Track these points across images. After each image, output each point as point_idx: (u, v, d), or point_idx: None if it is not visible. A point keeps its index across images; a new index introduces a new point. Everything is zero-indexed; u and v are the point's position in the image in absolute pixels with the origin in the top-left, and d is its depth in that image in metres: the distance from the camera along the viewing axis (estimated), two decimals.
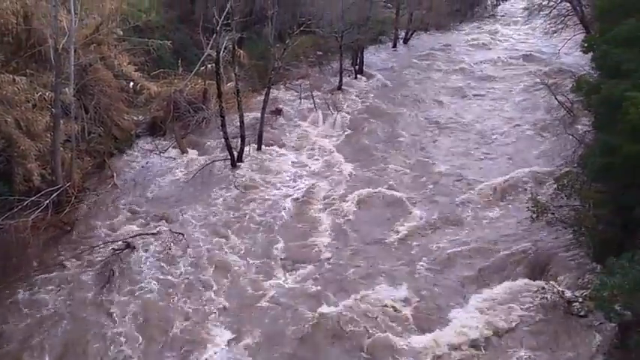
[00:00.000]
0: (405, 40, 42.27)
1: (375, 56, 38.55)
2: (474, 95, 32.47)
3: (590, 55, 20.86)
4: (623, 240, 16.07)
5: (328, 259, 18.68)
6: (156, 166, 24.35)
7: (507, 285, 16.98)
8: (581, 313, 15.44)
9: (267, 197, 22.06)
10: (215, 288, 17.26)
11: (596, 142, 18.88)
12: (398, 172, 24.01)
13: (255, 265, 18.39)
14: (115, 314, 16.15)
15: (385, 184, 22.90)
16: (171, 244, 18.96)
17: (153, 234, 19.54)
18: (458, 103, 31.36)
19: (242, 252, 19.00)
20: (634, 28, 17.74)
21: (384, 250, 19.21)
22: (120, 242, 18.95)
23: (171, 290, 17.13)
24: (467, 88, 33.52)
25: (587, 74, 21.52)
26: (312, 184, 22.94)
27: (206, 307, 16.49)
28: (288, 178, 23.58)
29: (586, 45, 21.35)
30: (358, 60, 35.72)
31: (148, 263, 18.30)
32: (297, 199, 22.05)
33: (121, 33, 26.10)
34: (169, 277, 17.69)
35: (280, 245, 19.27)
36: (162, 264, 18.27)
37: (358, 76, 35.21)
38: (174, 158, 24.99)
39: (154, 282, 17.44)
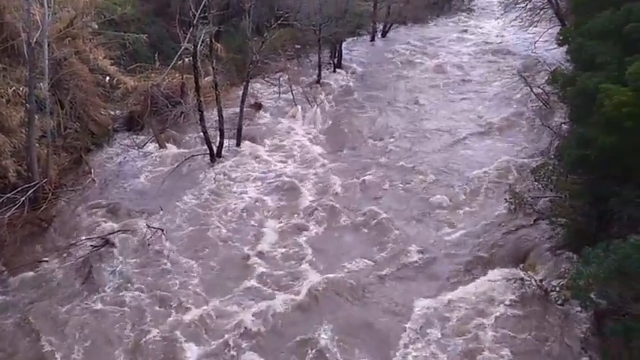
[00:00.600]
0: (384, 34, 42.35)
1: (353, 50, 38.55)
2: (452, 88, 32.67)
3: (565, 47, 21.17)
4: (599, 230, 16.37)
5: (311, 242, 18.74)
6: (134, 162, 24.11)
7: (486, 276, 17.20)
8: (559, 302, 15.69)
9: (246, 192, 21.96)
10: (195, 283, 17.15)
11: (571, 134, 19.19)
12: (376, 165, 24.04)
13: (234, 260, 18.28)
14: (92, 312, 15.97)
15: (363, 180, 22.79)
16: (151, 239, 18.77)
17: (131, 230, 19.33)
18: (436, 96, 31.53)
19: (221, 246, 18.88)
20: (608, 21, 18.02)
21: (360, 235, 19.39)
22: (98, 239, 18.75)
23: (150, 287, 16.99)
24: (444, 81, 33.72)
25: (562, 67, 21.79)
26: (292, 179, 22.87)
27: (185, 305, 16.34)
28: (267, 173, 23.48)
29: (561, 38, 21.66)
30: (337, 53, 35.71)
31: (126, 260, 18.12)
32: (277, 193, 21.98)
33: (96, 26, 25.72)
34: (148, 274, 17.52)
35: (260, 240, 19.18)
36: (141, 260, 18.10)
37: (337, 69, 35.20)
38: (153, 153, 24.76)
39: (133, 278, 17.27)
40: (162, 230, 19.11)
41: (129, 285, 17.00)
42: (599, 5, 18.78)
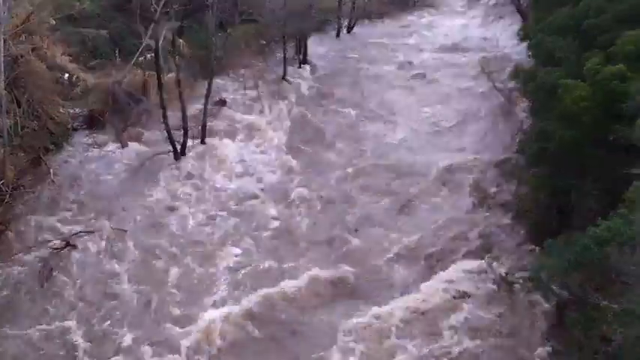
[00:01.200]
0: (349, 29, 42.30)
1: (319, 45, 38.38)
2: (416, 83, 32.86)
3: (526, 43, 21.54)
4: (560, 222, 16.73)
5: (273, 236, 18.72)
6: (95, 161, 23.50)
7: (452, 270, 17.39)
8: (523, 294, 15.95)
9: (211, 190, 21.73)
10: (159, 283, 16.89)
11: (533, 128, 19.55)
12: (342, 164, 24.01)
13: (197, 260, 18.04)
14: (54, 314, 15.58)
15: (329, 180, 22.73)
16: (114, 240, 18.40)
17: (94, 231, 18.90)
18: (401, 92, 31.64)
19: (184, 246, 18.64)
20: (567, 17, 18.42)
21: (327, 249, 19.06)
22: (59, 241, 18.27)
23: (114, 288, 16.66)
24: (409, 76, 33.84)
25: (523, 62, 22.16)
26: (258, 177, 22.71)
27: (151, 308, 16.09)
28: (232, 171, 23.22)
29: (522, 33, 22.01)
30: (302, 49, 35.55)
31: (89, 261, 17.72)
32: (243, 191, 21.80)
33: (54, 22, 25.03)
34: (112, 274, 17.19)
35: (226, 240, 18.99)
36: (104, 261, 17.73)
37: (302, 65, 35.01)
38: (114, 152, 24.17)
39: (95, 280, 16.92)
40: (126, 231, 18.72)
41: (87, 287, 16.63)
42: (559, 1, 19.18)
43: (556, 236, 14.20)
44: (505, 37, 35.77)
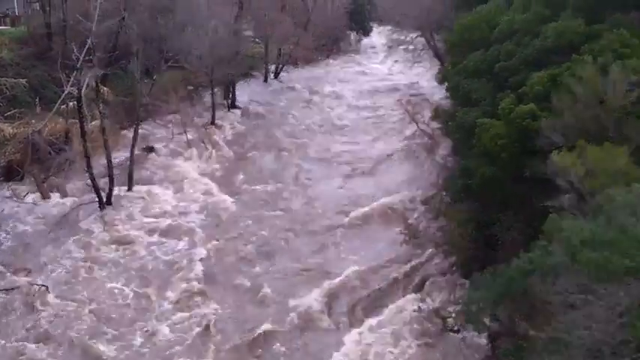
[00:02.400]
0: (276, 75, 43.12)
1: (247, 90, 38.80)
2: (343, 125, 33.71)
3: (445, 85, 22.66)
4: (486, 255, 17.30)
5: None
6: (14, 214, 22.29)
7: (386, 309, 17.47)
8: (455, 328, 16.22)
9: (138, 241, 20.90)
10: (84, 342, 15.98)
11: (455, 166, 20.39)
12: (273, 203, 23.99)
13: (125, 314, 17.27)
14: None
15: (263, 226, 22.37)
16: (34, 297, 17.33)
17: (12, 289, 17.75)
18: (328, 133, 32.35)
19: (110, 302, 17.75)
20: (480, 61, 19.59)
21: (253, 299, 18.47)
22: None
23: (34, 347, 15.62)
24: (335, 118, 34.76)
25: (443, 103, 23.24)
26: (187, 226, 22.07)
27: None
28: (160, 219, 22.53)
29: (440, 76, 23.18)
30: (230, 94, 35.74)
31: (6, 320, 16.57)
32: (169, 240, 21.10)
33: None
34: (31, 333, 16.12)
35: (152, 292, 18.25)
36: (23, 319, 16.63)
37: (231, 110, 35.21)
38: (35, 204, 23.07)
39: (13, 340, 15.81)
40: (47, 287, 17.71)
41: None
42: (471, 46, 20.39)
43: (484, 269, 14.65)
44: (425, 80, 37.51)
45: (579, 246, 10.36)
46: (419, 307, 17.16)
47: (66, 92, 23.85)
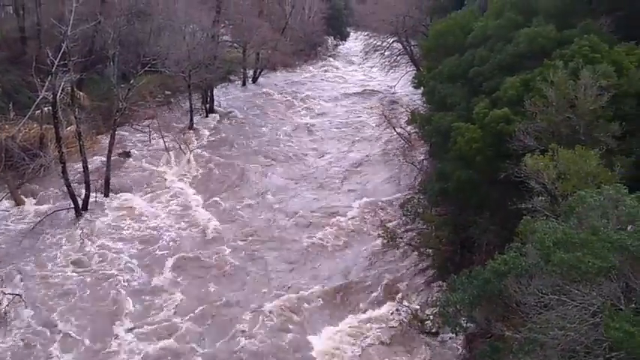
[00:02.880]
0: (254, 79, 43.12)
1: (225, 95, 38.73)
2: (320, 130, 33.82)
3: (421, 90, 22.92)
4: (463, 258, 17.54)
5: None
6: None
7: (365, 312, 17.58)
8: (433, 330, 16.44)
9: (114, 248, 20.63)
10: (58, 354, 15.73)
11: (432, 169, 20.63)
12: (249, 212, 23.88)
13: (98, 326, 17.00)
14: None
15: (236, 232, 22.23)
16: (7, 307, 17.01)
17: None
18: (306, 138, 32.43)
19: (85, 310, 17.46)
20: (455, 66, 19.87)
21: (245, 284, 18.87)
22: None
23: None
24: (313, 123, 34.86)
25: (419, 108, 23.50)
26: (163, 232, 21.81)
27: None
28: (137, 225, 22.27)
29: (416, 81, 23.43)
30: (208, 99, 35.62)
31: None
32: (146, 249, 20.76)
33: None
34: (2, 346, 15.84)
35: (124, 303, 17.97)
36: None
37: (209, 114, 35.08)
38: (9, 211, 22.75)
39: None
40: (21, 296, 17.40)
41: None
42: (446, 52, 20.67)
43: (461, 271, 14.81)
44: (401, 85, 37.83)
45: (552, 247, 10.55)
46: (397, 309, 17.33)
47: (40, 97, 23.51)
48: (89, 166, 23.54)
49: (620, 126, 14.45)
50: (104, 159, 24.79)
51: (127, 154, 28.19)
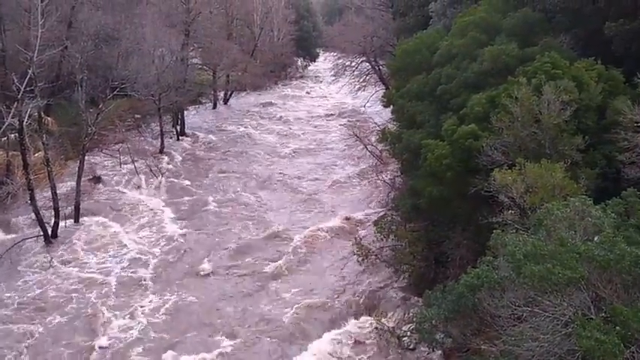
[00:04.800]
0: (225, 101, 43.22)
1: (196, 117, 38.68)
2: (292, 149, 33.98)
3: (390, 108, 23.23)
4: (437, 273, 17.70)
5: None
6: None
7: (342, 329, 17.52)
8: (411, 347, 16.41)
9: (84, 277, 20.08)
10: None
11: (404, 186, 20.86)
12: (224, 233, 23.75)
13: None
14: None
15: (212, 257, 21.95)
16: None
17: None
18: (278, 159, 32.51)
19: (54, 342, 16.91)
20: (422, 84, 20.24)
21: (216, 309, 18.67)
22: None
23: None
24: (285, 143, 35.03)
25: (389, 125, 23.79)
26: (135, 257, 21.44)
27: None
28: (108, 252, 21.82)
29: (385, 100, 23.75)
30: (179, 122, 35.50)
31: None
32: (118, 275, 20.30)
33: None
34: None
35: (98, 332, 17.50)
36: None
37: (181, 137, 34.95)
38: None
39: None
40: None
41: None
42: (414, 70, 21.05)
43: (435, 286, 14.94)
44: (370, 104, 38.30)
45: (523, 260, 10.75)
46: (375, 327, 17.32)
47: (7, 124, 23.14)
48: (58, 192, 23.16)
49: (583, 139, 14.91)
50: (74, 184, 24.41)
51: (98, 179, 27.85)
